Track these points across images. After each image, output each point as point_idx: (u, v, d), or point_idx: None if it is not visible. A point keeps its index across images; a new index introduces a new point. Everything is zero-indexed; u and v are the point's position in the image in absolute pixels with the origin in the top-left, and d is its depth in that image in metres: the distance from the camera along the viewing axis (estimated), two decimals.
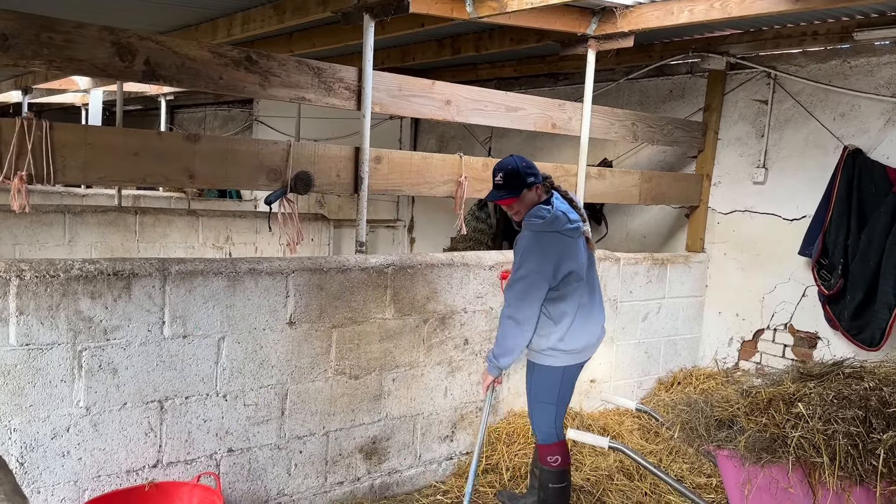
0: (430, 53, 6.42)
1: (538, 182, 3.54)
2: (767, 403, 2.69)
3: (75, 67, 3.34)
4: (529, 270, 3.40)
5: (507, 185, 3.50)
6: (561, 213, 3.50)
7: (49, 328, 2.98)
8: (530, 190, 3.51)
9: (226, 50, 3.67)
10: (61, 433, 3.06)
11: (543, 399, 3.64)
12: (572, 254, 3.48)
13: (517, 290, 3.45)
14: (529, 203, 3.53)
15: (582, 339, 3.57)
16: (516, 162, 3.52)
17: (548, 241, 3.43)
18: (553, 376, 3.59)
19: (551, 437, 3.65)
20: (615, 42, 4.84)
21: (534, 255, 3.41)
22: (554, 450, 3.65)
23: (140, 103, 12.34)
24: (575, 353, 3.57)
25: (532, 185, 3.51)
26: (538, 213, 3.49)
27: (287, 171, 3.95)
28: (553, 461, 3.65)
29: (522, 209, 3.54)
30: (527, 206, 3.53)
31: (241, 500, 3.60)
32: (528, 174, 3.50)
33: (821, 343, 5.30)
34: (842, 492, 2.43)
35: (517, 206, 3.54)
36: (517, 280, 3.44)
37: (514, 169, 3.50)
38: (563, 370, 3.58)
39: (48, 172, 3.28)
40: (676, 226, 6.40)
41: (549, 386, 3.61)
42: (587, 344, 3.62)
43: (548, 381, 3.60)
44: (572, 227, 3.51)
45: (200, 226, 7.19)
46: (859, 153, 5.00)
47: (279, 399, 3.66)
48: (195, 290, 3.32)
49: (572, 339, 3.53)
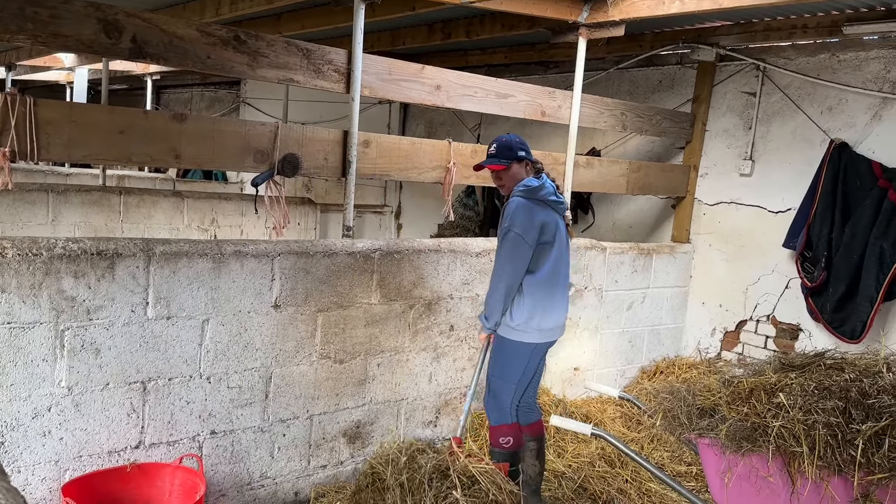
0: (421, 38, 6.38)
1: (528, 159, 3.71)
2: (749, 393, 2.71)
3: (60, 43, 3.29)
4: (517, 233, 3.52)
5: (498, 153, 3.68)
6: (549, 186, 3.67)
7: (31, 307, 2.95)
8: (519, 163, 3.68)
9: (214, 29, 3.62)
10: (42, 413, 3.04)
11: (507, 377, 3.70)
12: (554, 226, 3.62)
13: (505, 249, 3.57)
14: (516, 176, 3.68)
15: (551, 318, 3.67)
16: (511, 137, 3.72)
17: (534, 208, 3.57)
18: (523, 352, 3.66)
19: (506, 417, 3.72)
20: (606, 31, 4.83)
21: (520, 218, 3.53)
22: (507, 431, 3.72)
23: (126, 82, 12.19)
24: (546, 331, 3.67)
25: (522, 160, 3.68)
26: (528, 183, 3.64)
27: (274, 154, 3.92)
28: (505, 442, 3.72)
29: (510, 182, 3.68)
30: (514, 178, 3.67)
31: (224, 482, 3.59)
32: (519, 148, 3.68)
33: (803, 335, 5.35)
34: (820, 481, 2.46)
35: (505, 177, 3.69)
36: (505, 240, 3.56)
37: (508, 141, 3.69)
38: (533, 347, 3.66)
39: (32, 149, 3.23)
40: (663, 216, 6.43)
41: (517, 362, 3.68)
42: (555, 324, 3.72)
43: (516, 356, 3.67)
44: (556, 199, 3.68)
45: (185, 207, 7.13)
46: (845, 147, 5.03)
47: (263, 382, 3.65)
48: (179, 271, 3.29)
49: (544, 316, 3.63)
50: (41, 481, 3.08)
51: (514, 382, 3.70)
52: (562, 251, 3.71)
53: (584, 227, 6.79)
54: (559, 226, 3.68)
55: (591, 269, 5.16)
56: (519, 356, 3.67)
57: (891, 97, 4.90)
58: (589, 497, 4.12)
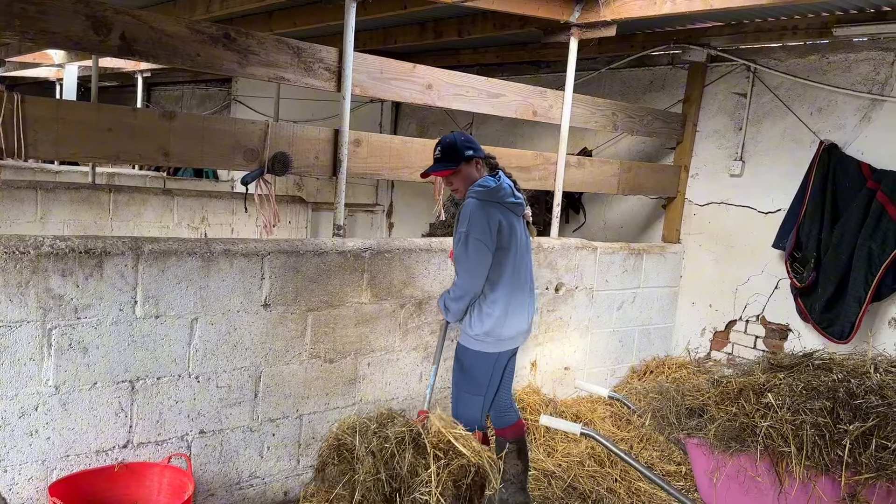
0: (413, 37, 6.38)
1: (477, 156, 3.50)
2: (738, 393, 2.72)
3: (49, 40, 3.26)
4: (476, 238, 3.35)
5: (444, 157, 3.47)
6: (507, 186, 3.49)
7: (18, 305, 2.92)
8: (469, 164, 3.47)
9: (204, 26, 3.60)
10: (29, 412, 3.02)
11: (473, 390, 3.57)
12: (512, 229, 3.46)
13: (466, 254, 3.39)
14: (468, 178, 3.49)
15: (513, 326, 3.53)
16: (455, 136, 3.50)
17: (491, 210, 3.39)
18: (485, 363, 3.54)
19: (472, 428, 3.50)
20: (598, 31, 4.84)
21: (478, 222, 3.36)
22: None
23: (116, 80, 12.12)
24: (506, 340, 3.54)
25: (470, 159, 3.47)
26: (484, 183, 3.45)
27: (265, 152, 3.91)
28: None
29: (461, 185, 3.50)
30: (466, 180, 3.49)
31: (213, 481, 3.58)
32: (466, 147, 3.46)
33: (792, 335, 5.37)
34: (808, 481, 2.47)
35: (456, 181, 3.50)
36: (466, 245, 3.38)
37: (452, 142, 3.47)
38: (496, 357, 3.54)
39: (19, 147, 3.21)
40: (653, 216, 6.44)
41: (480, 374, 3.55)
42: (517, 331, 3.58)
43: (479, 367, 3.55)
44: (516, 201, 3.50)
45: (175, 205, 7.10)
46: (835, 148, 5.05)
47: (253, 381, 3.63)
48: (168, 269, 3.28)
49: (504, 325, 3.49)
50: (28, 481, 3.06)
51: (481, 395, 3.58)
52: (521, 254, 3.56)
53: (575, 226, 6.80)
54: (516, 228, 3.52)
55: (581, 269, 5.17)
56: (482, 367, 3.55)
57: (880, 99, 4.92)
58: (578, 496, 4.13)
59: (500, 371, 3.61)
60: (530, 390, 4.90)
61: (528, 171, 5.05)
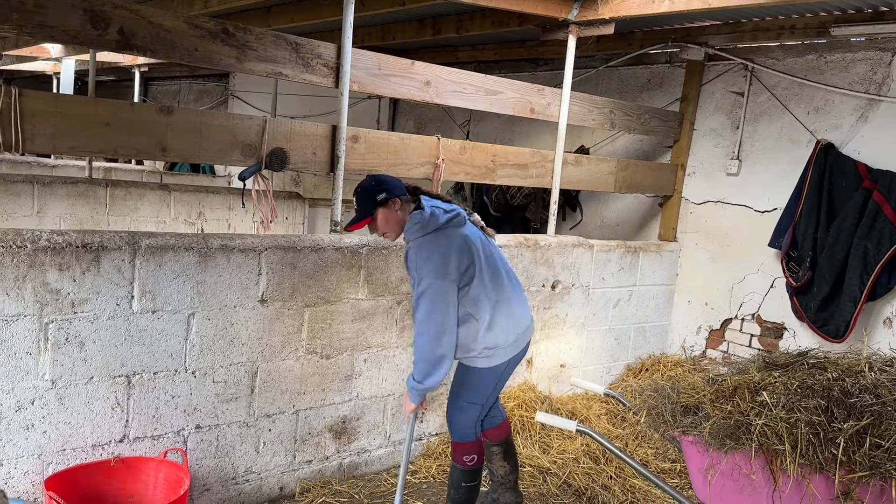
0: (411, 33, 6.37)
1: (393, 196, 3.23)
2: (733, 391, 2.73)
3: (46, 34, 3.25)
4: (431, 280, 3.12)
5: (358, 208, 3.25)
6: (434, 209, 3.25)
7: (14, 299, 2.92)
8: (386, 206, 3.22)
9: (202, 21, 3.60)
10: (26, 406, 3.02)
11: (472, 399, 3.43)
12: (465, 246, 3.23)
13: (424, 305, 3.15)
14: (392, 220, 3.25)
15: (512, 328, 3.35)
16: (366, 182, 3.29)
17: (437, 243, 3.18)
18: (491, 376, 3.39)
19: (470, 436, 3.46)
20: (596, 29, 4.84)
21: (429, 262, 3.14)
22: (471, 449, 3.47)
23: (114, 74, 12.10)
24: (515, 343, 3.38)
25: (386, 202, 3.21)
26: (413, 221, 3.23)
27: (262, 148, 3.90)
28: (469, 460, 3.47)
29: (389, 229, 3.27)
30: (390, 223, 3.26)
31: (209, 476, 3.58)
32: (377, 191, 3.22)
33: (787, 334, 5.39)
34: (802, 479, 2.48)
35: (380, 227, 3.27)
36: (421, 295, 3.15)
37: (363, 190, 3.25)
38: (505, 366, 3.38)
39: (17, 141, 3.20)
40: (650, 214, 6.45)
41: (484, 386, 3.40)
42: (518, 332, 3.39)
43: (484, 381, 3.39)
44: (450, 215, 3.26)
45: (172, 200, 7.09)
46: (831, 148, 5.06)
47: (249, 377, 3.64)
48: (165, 264, 3.28)
49: (503, 330, 3.31)
50: (24, 475, 3.06)
51: (482, 403, 3.44)
52: (488, 257, 3.34)
53: (571, 224, 6.81)
54: (469, 238, 3.26)
55: (578, 267, 5.18)
56: (489, 379, 3.40)
57: (877, 98, 4.94)
58: (573, 493, 4.14)
59: (505, 378, 3.48)
60: (526, 387, 4.91)
61: (526, 169, 5.06)
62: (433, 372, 3.19)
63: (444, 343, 3.17)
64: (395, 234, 3.32)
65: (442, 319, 3.14)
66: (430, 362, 3.18)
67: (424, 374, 3.19)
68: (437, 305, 3.14)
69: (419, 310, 3.18)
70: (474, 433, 3.49)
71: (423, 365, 3.19)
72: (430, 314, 3.14)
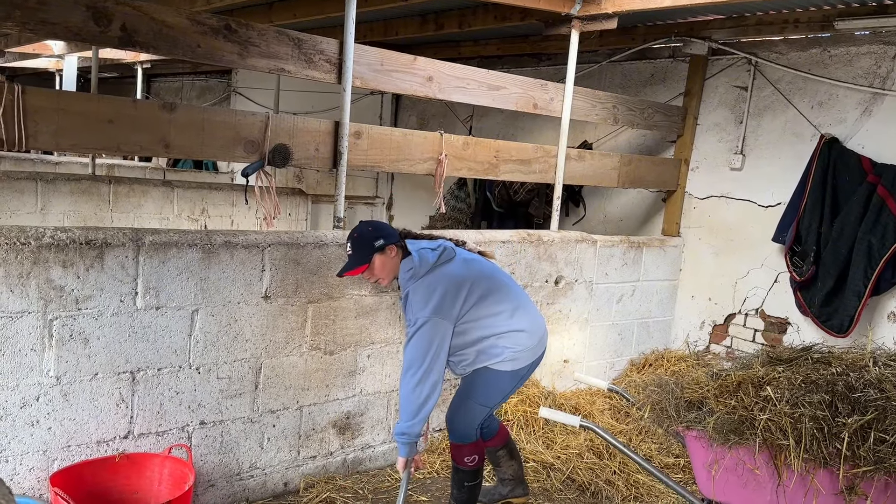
0: (413, 29, 6.36)
1: (389, 243, 3.27)
2: (737, 386, 2.72)
3: (49, 31, 3.25)
4: (427, 317, 3.12)
5: (354, 254, 3.26)
6: (421, 252, 3.26)
7: (19, 296, 2.93)
8: (382, 253, 3.25)
9: (204, 17, 3.60)
10: (31, 402, 3.03)
11: (484, 401, 3.38)
12: (458, 279, 3.24)
13: (416, 341, 3.13)
14: (387, 266, 3.28)
15: (535, 332, 3.36)
16: (362, 228, 3.32)
17: (430, 284, 3.19)
18: (512, 380, 3.36)
19: (471, 437, 3.45)
20: (599, 23, 4.83)
21: (424, 302, 3.15)
22: (472, 450, 3.46)
23: (116, 71, 12.08)
24: (533, 349, 3.36)
25: (383, 248, 3.25)
26: (405, 268, 3.25)
27: (265, 144, 3.90)
28: (470, 461, 3.46)
29: (383, 274, 3.30)
30: (386, 269, 3.29)
31: (213, 472, 3.59)
32: (374, 238, 3.25)
33: (791, 329, 5.38)
34: (806, 474, 2.48)
35: (376, 273, 3.29)
36: (415, 333, 3.13)
37: (360, 236, 3.27)
38: (526, 370, 3.38)
39: (20, 138, 3.21)
40: (653, 210, 6.44)
41: (501, 389, 3.37)
42: (540, 335, 3.39)
43: (503, 384, 3.35)
44: (438, 253, 3.27)
45: (175, 197, 7.10)
46: (836, 142, 5.05)
47: (253, 373, 3.64)
48: (169, 261, 3.28)
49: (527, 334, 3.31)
50: (29, 471, 3.07)
51: (492, 406, 3.43)
52: (492, 277, 3.36)
53: (575, 219, 6.80)
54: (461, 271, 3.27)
55: (581, 262, 5.17)
56: (511, 381, 3.37)
57: (881, 93, 4.92)
58: (577, 488, 4.15)
59: (522, 383, 3.45)
60: (529, 383, 4.91)
61: (529, 164, 5.05)
62: (420, 411, 3.14)
63: (431, 380, 3.13)
64: (388, 279, 3.34)
65: (432, 358, 3.12)
66: (415, 402, 3.13)
67: (411, 413, 3.14)
68: (430, 342, 3.12)
69: (410, 346, 3.16)
70: (475, 434, 3.47)
71: (409, 405, 3.14)
72: (420, 351, 3.12)
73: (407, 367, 3.15)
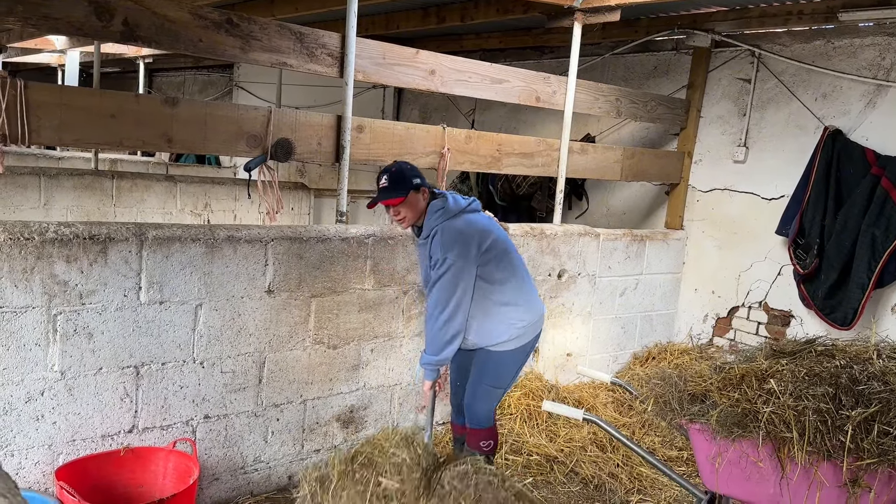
0: (415, 22, 6.34)
1: (424, 185, 3.41)
2: (740, 379, 2.72)
3: (51, 26, 3.25)
4: (453, 259, 3.26)
5: (392, 185, 3.35)
6: (454, 196, 3.45)
7: (23, 291, 2.94)
8: (417, 192, 3.37)
9: (206, 12, 3.59)
10: (35, 397, 3.04)
11: (498, 383, 3.54)
12: (485, 228, 3.42)
13: (444, 283, 3.28)
14: (416, 207, 3.38)
15: (534, 308, 3.53)
16: (401, 165, 3.43)
17: (458, 226, 3.33)
18: (517, 357, 3.53)
19: (489, 420, 3.57)
20: (601, 16, 4.81)
21: (452, 244, 3.28)
22: (488, 434, 3.57)
23: (118, 66, 12.08)
24: (534, 325, 3.53)
25: (418, 188, 3.37)
26: (435, 208, 3.37)
27: (267, 138, 3.90)
28: (486, 446, 3.56)
29: (410, 214, 3.39)
30: (414, 210, 3.39)
31: (217, 465, 3.60)
32: (413, 176, 3.37)
33: (794, 321, 5.38)
34: (810, 466, 2.48)
35: (404, 210, 3.38)
36: (442, 274, 3.28)
37: (400, 171, 3.38)
38: (530, 346, 3.54)
39: (23, 133, 3.21)
40: (656, 203, 6.43)
41: (509, 367, 3.53)
42: (540, 312, 3.57)
43: (510, 362, 3.52)
44: (469, 201, 3.46)
45: (178, 192, 7.09)
46: (839, 134, 5.03)
47: (257, 367, 3.65)
48: (172, 256, 3.28)
49: (527, 310, 3.48)
50: (34, 465, 3.08)
51: (504, 387, 3.59)
52: (506, 243, 3.52)
53: (578, 213, 6.80)
54: (488, 224, 3.49)
55: (584, 256, 5.17)
56: (517, 359, 3.54)
57: (885, 84, 4.90)
58: (580, 481, 4.15)
59: (526, 360, 3.60)
60: (533, 376, 4.92)
61: (531, 158, 5.04)
62: (446, 347, 3.35)
63: (458, 319, 3.32)
64: (412, 220, 3.43)
65: (460, 297, 3.29)
66: (443, 339, 3.33)
67: (438, 348, 3.35)
68: (457, 283, 3.28)
69: (438, 287, 3.30)
70: (492, 418, 3.60)
71: (437, 341, 3.34)
72: (449, 291, 3.28)
73: (434, 306, 3.32)
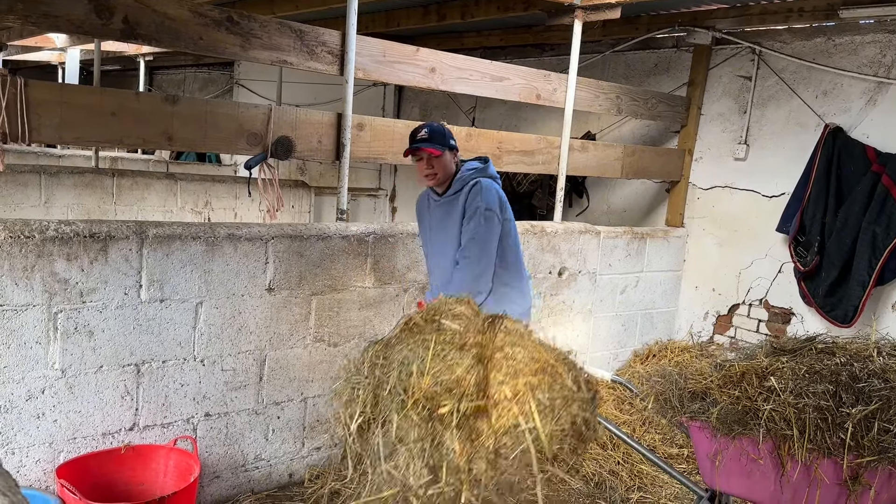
0: (416, 19, 6.33)
1: (457, 150, 3.56)
2: (740, 377, 2.72)
3: (51, 24, 3.25)
4: (492, 213, 3.36)
5: (433, 138, 3.44)
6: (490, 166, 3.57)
7: (23, 289, 2.94)
8: (452, 153, 3.49)
9: (206, 10, 3.59)
10: (36, 395, 3.04)
11: None
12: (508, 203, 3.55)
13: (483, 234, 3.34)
14: (447, 167, 3.47)
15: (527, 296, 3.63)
16: (440, 125, 3.55)
17: (491, 186, 3.46)
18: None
19: None
20: (602, 13, 4.81)
21: (493, 197, 3.40)
22: None
23: (118, 63, 12.07)
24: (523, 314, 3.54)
25: (454, 149, 3.51)
26: (470, 166, 3.51)
27: (268, 136, 3.90)
28: None
29: (439, 171, 3.47)
30: (445, 170, 3.47)
31: (218, 463, 3.61)
32: (451, 137, 3.51)
33: (795, 319, 5.38)
34: (810, 464, 2.48)
35: (437, 165, 3.46)
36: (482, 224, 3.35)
37: (441, 127, 3.52)
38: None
39: (23, 131, 3.21)
40: (657, 200, 6.43)
41: None
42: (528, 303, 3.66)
43: None
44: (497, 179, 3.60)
45: (179, 190, 7.10)
46: (840, 132, 5.03)
47: (257, 365, 3.65)
48: (173, 254, 3.28)
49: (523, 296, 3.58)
50: (35, 463, 3.09)
51: None
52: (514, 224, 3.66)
53: (578, 210, 6.79)
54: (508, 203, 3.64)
55: (584, 253, 5.16)
56: None
57: (886, 82, 4.89)
58: (581, 478, 4.15)
59: None
60: None
61: (532, 155, 5.04)
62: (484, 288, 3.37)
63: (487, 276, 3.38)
64: (440, 180, 3.49)
65: (490, 254, 3.36)
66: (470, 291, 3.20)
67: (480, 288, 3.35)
68: (492, 236, 3.36)
69: (474, 244, 3.33)
70: None
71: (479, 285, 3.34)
72: (487, 239, 3.34)
73: (466, 255, 3.35)
